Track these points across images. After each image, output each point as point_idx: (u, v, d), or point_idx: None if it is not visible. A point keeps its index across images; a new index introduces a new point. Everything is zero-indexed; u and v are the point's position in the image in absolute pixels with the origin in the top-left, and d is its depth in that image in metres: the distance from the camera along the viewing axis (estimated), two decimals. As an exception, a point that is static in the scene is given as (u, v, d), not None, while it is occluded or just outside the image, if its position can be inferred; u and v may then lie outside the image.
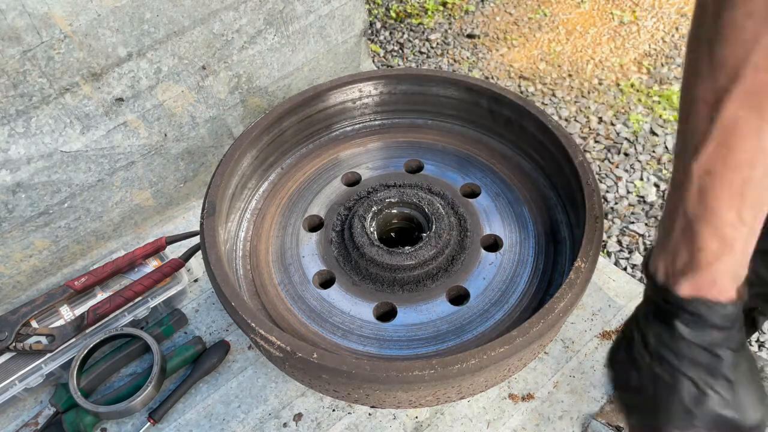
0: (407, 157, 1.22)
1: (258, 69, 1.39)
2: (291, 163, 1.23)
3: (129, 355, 1.11)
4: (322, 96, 1.18)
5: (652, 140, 2.56)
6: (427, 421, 1.01)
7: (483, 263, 1.02)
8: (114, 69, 1.13)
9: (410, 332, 0.95)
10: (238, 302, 0.83)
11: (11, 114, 1.04)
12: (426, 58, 2.93)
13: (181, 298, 1.22)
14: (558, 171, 1.07)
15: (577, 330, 1.12)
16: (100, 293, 1.17)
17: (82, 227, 1.27)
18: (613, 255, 2.23)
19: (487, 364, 0.75)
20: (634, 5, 3.18)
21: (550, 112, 2.64)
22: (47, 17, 0.99)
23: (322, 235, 1.09)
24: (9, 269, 1.20)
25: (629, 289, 1.18)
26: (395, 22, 3.16)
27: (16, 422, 1.06)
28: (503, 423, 1.00)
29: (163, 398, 1.06)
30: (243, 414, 1.05)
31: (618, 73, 2.82)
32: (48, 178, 1.14)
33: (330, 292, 1.01)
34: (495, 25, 3.09)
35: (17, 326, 1.06)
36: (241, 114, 1.43)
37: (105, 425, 1.05)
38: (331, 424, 1.02)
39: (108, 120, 1.17)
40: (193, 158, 1.39)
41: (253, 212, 1.15)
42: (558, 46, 2.94)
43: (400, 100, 1.26)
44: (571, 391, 1.04)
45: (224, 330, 1.18)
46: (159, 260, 1.23)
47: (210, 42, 1.25)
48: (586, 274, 0.83)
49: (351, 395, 0.87)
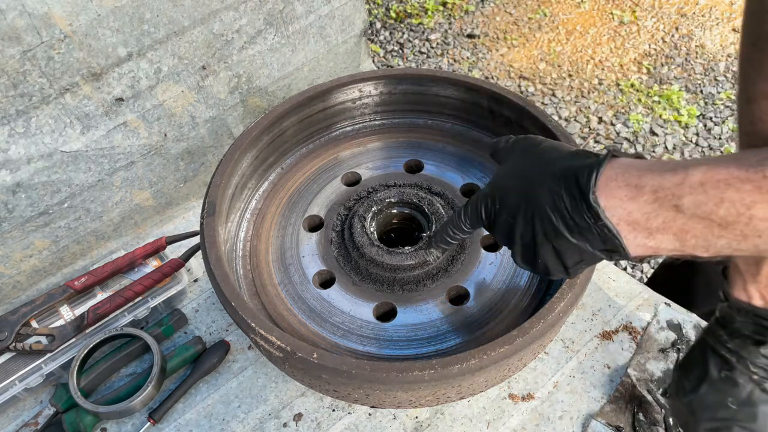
0: (407, 157, 1.22)
1: (258, 69, 1.39)
2: (291, 163, 1.23)
3: (129, 355, 1.11)
4: (322, 96, 1.18)
5: (652, 140, 2.56)
6: (427, 421, 1.01)
7: (483, 263, 1.02)
8: (114, 69, 1.13)
9: (410, 332, 0.95)
10: (238, 302, 0.83)
11: (11, 114, 1.04)
12: (426, 58, 2.93)
13: (181, 298, 1.22)
14: (558, 171, 1.07)
15: (577, 330, 1.12)
16: (100, 293, 1.17)
17: (82, 227, 1.27)
18: (613, 255, 2.23)
19: (487, 364, 0.75)
20: (634, 5, 3.18)
21: (550, 112, 2.64)
22: (47, 17, 0.99)
23: (322, 235, 1.09)
24: (9, 269, 1.20)
25: (629, 289, 1.18)
26: (395, 22, 3.16)
27: (16, 422, 1.06)
28: (503, 423, 1.00)
29: (163, 398, 1.06)
30: (243, 414, 1.05)
31: (618, 73, 2.82)
32: (48, 178, 1.14)
33: (330, 292, 1.01)
34: (495, 25, 3.09)
35: (17, 326, 1.06)
36: (241, 114, 1.43)
37: (105, 425, 1.05)
38: (331, 424, 1.02)
39: (108, 120, 1.17)
40: (193, 158, 1.39)
41: (253, 212, 1.15)
42: (558, 46, 2.94)
43: (400, 100, 1.26)
44: (571, 391, 1.04)
45: (224, 330, 1.18)
46: (159, 260, 1.23)
47: (210, 42, 1.25)
48: (586, 274, 0.83)
49: (351, 395, 0.87)
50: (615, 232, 0.58)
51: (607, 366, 1.07)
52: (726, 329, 0.69)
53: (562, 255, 0.65)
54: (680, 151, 2.62)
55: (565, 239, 0.63)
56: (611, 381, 1.04)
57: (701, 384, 0.71)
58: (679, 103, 2.66)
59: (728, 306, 0.69)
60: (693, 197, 0.52)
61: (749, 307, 0.66)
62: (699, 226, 0.53)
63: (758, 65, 0.57)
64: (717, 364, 0.69)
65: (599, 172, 0.59)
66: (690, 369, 0.74)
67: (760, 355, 0.64)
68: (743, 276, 0.67)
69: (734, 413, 0.67)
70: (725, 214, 0.51)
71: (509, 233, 0.70)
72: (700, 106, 2.67)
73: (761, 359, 0.65)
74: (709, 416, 0.70)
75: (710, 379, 0.69)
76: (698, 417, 0.71)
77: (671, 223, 0.55)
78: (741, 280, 0.67)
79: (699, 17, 3.12)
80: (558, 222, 0.62)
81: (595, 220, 0.59)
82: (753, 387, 0.65)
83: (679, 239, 0.55)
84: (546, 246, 0.65)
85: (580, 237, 0.62)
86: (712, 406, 0.69)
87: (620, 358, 1.07)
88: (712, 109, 2.65)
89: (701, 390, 0.71)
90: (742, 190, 0.49)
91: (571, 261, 0.66)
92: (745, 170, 0.49)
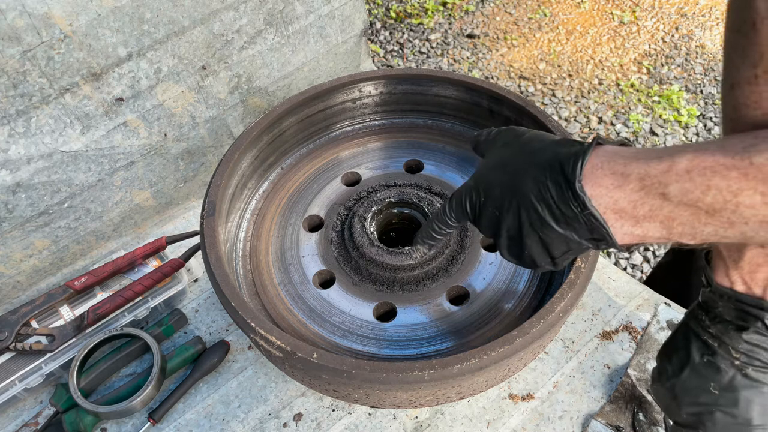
0: (407, 157, 1.22)
1: (258, 69, 1.39)
2: (291, 163, 1.23)
3: (129, 355, 1.11)
4: (322, 96, 1.18)
5: (652, 140, 2.56)
6: (427, 421, 1.01)
7: (483, 263, 1.02)
8: (114, 69, 1.13)
9: (410, 332, 0.95)
10: (238, 302, 0.83)
11: (11, 114, 1.04)
12: (426, 58, 2.93)
13: (181, 298, 1.22)
14: (558, 171, 1.07)
15: (577, 330, 1.12)
16: (100, 293, 1.17)
17: (82, 227, 1.27)
18: (613, 255, 2.23)
19: (487, 364, 0.75)
20: (634, 5, 3.18)
21: (550, 112, 2.64)
22: (47, 17, 0.99)
23: (322, 235, 1.09)
24: (9, 269, 1.20)
25: (629, 289, 1.18)
26: (395, 22, 3.16)
27: (16, 422, 1.06)
28: (503, 423, 1.00)
29: (163, 398, 1.06)
30: (243, 414, 1.05)
31: (618, 73, 2.83)
32: (48, 178, 1.14)
33: (330, 292, 1.01)
34: (495, 25, 3.09)
35: (17, 326, 1.06)
36: (241, 114, 1.43)
37: (105, 425, 1.05)
38: (331, 424, 1.02)
39: (108, 120, 1.17)
40: (193, 158, 1.39)
41: (253, 212, 1.15)
42: (558, 46, 2.94)
43: (400, 100, 1.26)
44: (571, 391, 1.04)
45: (224, 330, 1.18)
46: (159, 260, 1.23)
47: (210, 42, 1.25)
48: (586, 274, 0.84)
49: (351, 395, 0.87)
50: (602, 221, 0.58)
51: (607, 366, 1.07)
52: (708, 314, 0.69)
53: (549, 246, 0.65)
54: (680, 151, 2.60)
55: (552, 229, 0.62)
56: (611, 381, 1.04)
57: (683, 369, 0.71)
58: (679, 103, 2.67)
59: (711, 291, 0.70)
60: (679, 185, 0.52)
61: (731, 293, 0.66)
62: (686, 214, 0.53)
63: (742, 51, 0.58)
64: (699, 348, 0.70)
65: (584, 161, 0.58)
66: (672, 354, 0.74)
67: (742, 341, 0.65)
68: (726, 262, 0.68)
69: (716, 398, 0.67)
70: (712, 201, 0.51)
71: (495, 226, 0.70)
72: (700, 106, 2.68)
73: (743, 344, 0.65)
74: (691, 401, 0.70)
75: (692, 363, 0.70)
76: (680, 401, 0.72)
77: (658, 211, 0.55)
78: (723, 266, 0.68)
79: (699, 17, 3.12)
80: (544, 212, 0.62)
81: (581, 209, 0.58)
82: (735, 372, 0.66)
83: (666, 227, 0.55)
84: (532, 237, 0.65)
85: (566, 226, 0.61)
86: (693, 391, 0.70)
87: (620, 358, 1.07)
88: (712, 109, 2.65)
89: (683, 375, 0.71)
90: (729, 177, 0.49)
91: (557, 251, 0.65)
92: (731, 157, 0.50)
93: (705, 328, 0.69)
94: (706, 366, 0.68)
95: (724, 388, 0.67)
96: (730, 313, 0.67)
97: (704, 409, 0.69)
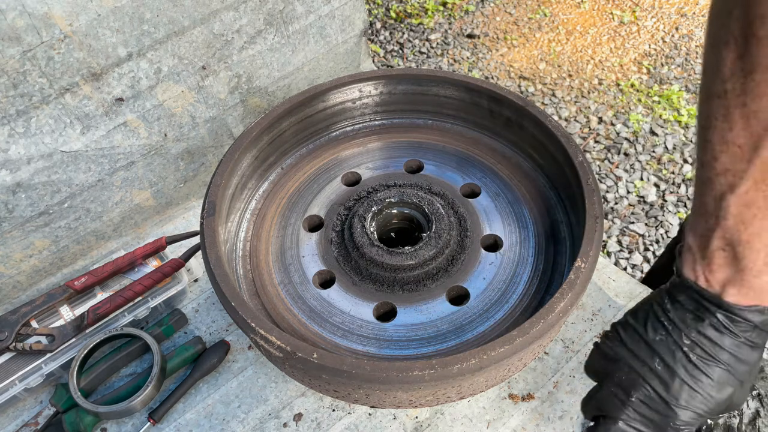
0: (407, 157, 1.22)
1: (258, 69, 1.39)
2: (291, 163, 1.23)
3: (129, 355, 1.11)
4: (322, 96, 1.18)
5: (652, 140, 2.56)
6: (427, 421, 1.01)
7: (483, 263, 1.02)
8: (114, 69, 1.13)
9: (410, 332, 0.95)
10: (238, 302, 0.83)
11: (11, 114, 1.04)
12: (426, 58, 2.93)
13: (181, 298, 1.22)
14: (558, 171, 1.07)
15: (577, 330, 1.12)
16: (100, 293, 1.17)
17: (82, 227, 1.27)
18: (613, 255, 2.23)
19: (487, 364, 0.75)
20: (634, 5, 3.18)
21: (550, 112, 2.64)
22: (47, 17, 0.99)
23: (322, 235, 1.09)
24: (9, 269, 1.20)
25: (629, 289, 1.18)
26: (395, 22, 3.16)
27: (16, 422, 1.06)
28: (503, 423, 1.00)
29: (163, 398, 1.06)
30: (243, 414, 1.05)
31: (618, 73, 2.82)
32: (48, 178, 1.14)
33: (330, 292, 1.01)
34: (495, 25, 3.09)
35: (17, 326, 1.06)
36: (241, 114, 1.43)
37: (105, 425, 1.05)
38: (331, 424, 1.02)
39: (108, 120, 1.17)
40: (193, 158, 1.39)
41: (253, 212, 1.15)
42: (558, 46, 2.94)
43: (400, 100, 1.26)
44: (571, 391, 1.04)
45: (224, 330, 1.18)
46: (159, 260, 1.23)
47: (210, 42, 1.25)
48: (586, 274, 0.84)
49: (351, 395, 0.87)
50: None
51: (607, 366, 1.07)
52: (671, 299, 0.73)
53: None
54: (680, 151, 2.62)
55: None
56: (611, 381, 1.04)
57: (637, 340, 0.74)
58: (679, 103, 2.66)
59: (678, 281, 0.73)
60: None
61: (695, 286, 0.70)
62: None
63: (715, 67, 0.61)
64: (654, 326, 0.73)
65: None
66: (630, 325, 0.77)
67: (695, 331, 0.69)
68: (694, 255, 0.71)
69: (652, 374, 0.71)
70: None
71: None
72: (700, 106, 2.67)
73: (694, 333, 0.69)
74: (628, 367, 0.73)
75: (645, 338, 0.73)
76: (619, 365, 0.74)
77: None
78: (691, 259, 0.71)
79: (699, 17, 3.12)
80: None
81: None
82: (681, 356, 0.69)
83: None
84: None
85: None
86: (636, 360, 0.72)
87: (620, 358, 1.07)
88: (712, 109, 2.65)
89: (633, 343, 0.74)
90: None
91: None
92: None
93: (665, 311, 0.73)
94: (657, 343, 0.72)
95: (665, 368, 0.70)
96: (690, 304, 0.71)
97: (636, 377, 0.72)
